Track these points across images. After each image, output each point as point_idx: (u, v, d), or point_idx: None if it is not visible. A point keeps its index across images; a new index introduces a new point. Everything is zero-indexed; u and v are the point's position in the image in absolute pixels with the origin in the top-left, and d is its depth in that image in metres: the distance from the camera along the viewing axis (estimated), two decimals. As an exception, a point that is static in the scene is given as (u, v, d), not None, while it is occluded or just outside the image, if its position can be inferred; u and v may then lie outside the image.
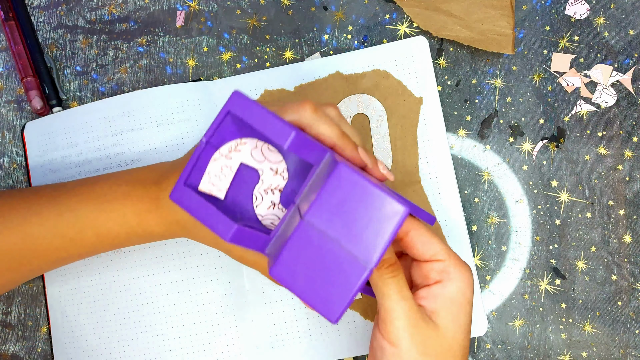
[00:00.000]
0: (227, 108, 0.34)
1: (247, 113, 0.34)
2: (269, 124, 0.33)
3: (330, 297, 0.33)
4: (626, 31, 0.57)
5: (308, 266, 0.33)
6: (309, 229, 0.33)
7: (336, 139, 0.41)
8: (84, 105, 0.59)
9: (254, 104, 0.34)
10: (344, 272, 0.33)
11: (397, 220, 0.33)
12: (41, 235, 0.50)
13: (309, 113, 0.41)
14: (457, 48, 0.58)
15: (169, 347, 0.57)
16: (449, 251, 0.43)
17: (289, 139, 0.33)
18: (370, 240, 0.33)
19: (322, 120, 0.41)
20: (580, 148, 0.56)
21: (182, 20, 0.60)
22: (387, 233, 0.33)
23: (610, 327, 0.55)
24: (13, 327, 0.59)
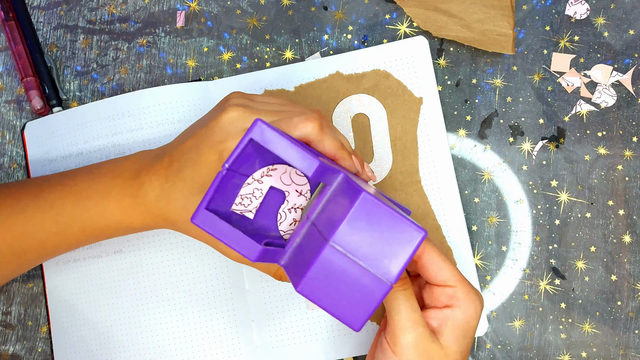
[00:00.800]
0: (249, 136, 0.36)
1: (270, 142, 0.36)
2: (294, 155, 0.36)
3: (353, 309, 0.37)
4: (626, 31, 0.57)
5: (332, 283, 0.36)
6: (333, 251, 0.36)
7: (338, 153, 0.44)
8: (84, 105, 0.59)
9: (277, 134, 0.36)
10: (366, 287, 0.37)
11: (416, 244, 0.36)
12: (27, 231, 0.50)
13: (316, 130, 0.43)
14: (457, 48, 0.58)
15: (168, 347, 0.57)
16: (460, 278, 0.45)
17: (313, 170, 0.36)
18: (391, 261, 0.36)
19: (326, 136, 0.44)
20: (580, 148, 0.56)
21: (182, 20, 0.60)
22: (406, 255, 0.36)
23: (610, 327, 0.55)
24: (13, 327, 0.59)
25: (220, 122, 0.45)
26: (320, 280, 0.36)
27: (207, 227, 0.36)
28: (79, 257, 0.58)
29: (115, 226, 0.50)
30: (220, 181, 0.37)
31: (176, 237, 0.57)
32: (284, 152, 0.36)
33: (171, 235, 0.57)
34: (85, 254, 0.58)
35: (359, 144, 0.57)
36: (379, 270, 0.36)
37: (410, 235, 0.36)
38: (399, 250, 0.36)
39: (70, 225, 0.50)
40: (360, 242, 0.36)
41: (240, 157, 0.37)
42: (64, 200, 0.50)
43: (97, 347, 0.58)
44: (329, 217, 0.38)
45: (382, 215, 0.36)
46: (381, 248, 0.36)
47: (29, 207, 0.51)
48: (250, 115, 0.45)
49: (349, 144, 0.49)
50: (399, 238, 0.36)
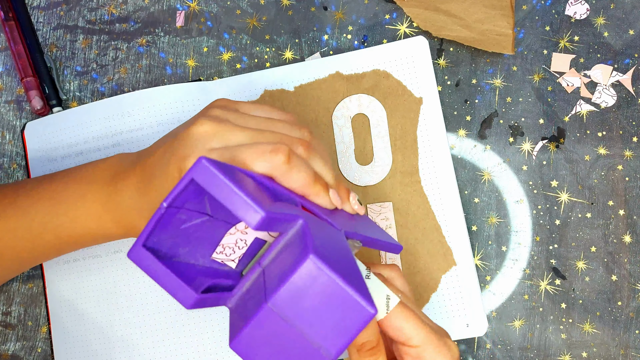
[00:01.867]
0: (190, 175, 0.33)
1: (212, 185, 0.33)
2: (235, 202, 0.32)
3: None
4: (626, 31, 0.57)
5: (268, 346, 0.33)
6: (272, 313, 0.32)
7: (307, 190, 0.41)
8: (84, 105, 0.59)
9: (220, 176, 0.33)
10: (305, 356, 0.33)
11: (362, 322, 0.32)
12: (4, 238, 0.49)
13: (282, 164, 0.40)
14: (457, 48, 0.58)
15: (168, 347, 0.57)
16: (426, 336, 0.41)
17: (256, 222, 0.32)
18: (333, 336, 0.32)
19: (294, 169, 0.40)
20: (580, 148, 0.56)
21: (182, 20, 0.60)
22: (350, 333, 0.32)
23: (610, 327, 0.55)
24: (13, 327, 0.59)
25: (188, 136, 0.42)
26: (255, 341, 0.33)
27: (142, 265, 0.33)
28: (79, 256, 0.58)
29: (90, 234, 0.48)
30: (158, 219, 0.34)
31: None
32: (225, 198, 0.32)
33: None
34: (85, 253, 0.58)
35: (359, 144, 0.57)
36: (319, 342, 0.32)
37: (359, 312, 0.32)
38: (344, 326, 0.32)
39: (43, 232, 0.49)
40: (301, 308, 0.32)
41: (182, 195, 0.34)
42: (37, 207, 0.48)
43: (97, 346, 0.58)
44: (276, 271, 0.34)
45: (329, 283, 0.32)
46: (325, 318, 0.32)
47: (2, 215, 0.49)
48: (221, 132, 0.42)
49: (331, 174, 0.44)
50: (346, 312, 0.32)
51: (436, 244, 0.55)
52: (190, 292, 0.33)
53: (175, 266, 0.35)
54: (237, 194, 0.32)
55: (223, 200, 0.32)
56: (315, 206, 0.41)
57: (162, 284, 0.33)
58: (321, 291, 0.32)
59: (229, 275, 0.38)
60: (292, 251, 0.34)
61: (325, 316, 0.32)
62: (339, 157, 0.57)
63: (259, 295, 0.34)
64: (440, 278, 0.55)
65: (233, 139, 0.41)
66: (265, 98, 0.58)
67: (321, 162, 0.44)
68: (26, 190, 0.50)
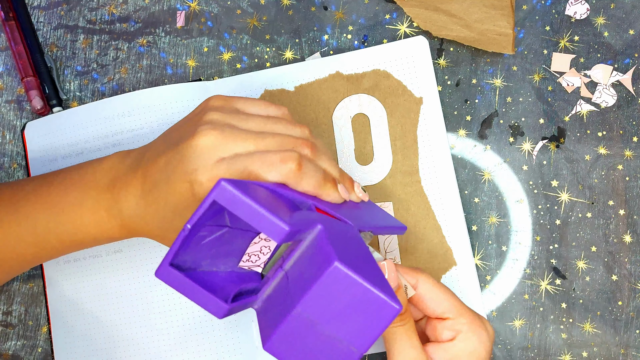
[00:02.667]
0: (212, 197, 0.35)
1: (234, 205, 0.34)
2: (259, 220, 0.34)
3: None
4: (626, 31, 0.57)
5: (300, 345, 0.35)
6: (301, 316, 0.34)
7: (318, 191, 0.42)
8: (84, 105, 0.59)
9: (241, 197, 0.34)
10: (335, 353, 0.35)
11: (389, 319, 0.34)
12: (5, 243, 0.49)
13: (293, 172, 0.41)
14: (457, 48, 0.58)
15: (169, 347, 0.57)
16: (461, 308, 0.42)
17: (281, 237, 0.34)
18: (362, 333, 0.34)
19: (305, 175, 0.41)
20: (581, 148, 0.56)
21: (182, 20, 0.60)
22: (378, 329, 0.34)
23: (611, 327, 0.55)
24: (14, 326, 0.59)
25: (192, 148, 0.42)
26: (287, 342, 0.34)
27: (171, 283, 0.35)
28: (79, 256, 0.58)
29: (93, 238, 0.48)
30: (182, 240, 0.35)
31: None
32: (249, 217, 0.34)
33: (171, 235, 0.57)
34: (86, 253, 0.58)
35: (359, 144, 0.57)
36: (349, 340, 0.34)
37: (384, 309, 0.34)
38: (371, 323, 0.34)
39: (47, 236, 0.49)
40: (328, 311, 0.34)
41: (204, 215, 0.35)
42: (38, 213, 0.48)
43: (97, 346, 0.58)
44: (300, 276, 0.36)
45: (354, 286, 0.34)
46: (352, 319, 0.34)
47: (4, 219, 0.49)
48: (225, 142, 0.42)
49: (335, 168, 0.46)
50: (372, 310, 0.34)
51: (436, 244, 0.55)
52: (221, 304, 0.34)
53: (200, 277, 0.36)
54: (261, 213, 0.34)
55: (247, 219, 0.34)
56: (326, 203, 0.43)
57: (194, 299, 0.35)
58: (347, 293, 0.33)
59: (251, 278, 0.39)
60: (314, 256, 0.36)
61: (352, 316, 0.34)
62: (339, 157, 0.57)
63: (286, 299, 0.35)
64: (440, 278, 0.55)
65: (239, 148, 0.42)
66: (265, 98, 0.58)
67: (326, 158, 0.45)
68: (26, 193, 0.50)
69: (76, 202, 0.48)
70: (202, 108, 0.45)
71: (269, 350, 0.35)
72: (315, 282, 0.34)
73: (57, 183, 0.50)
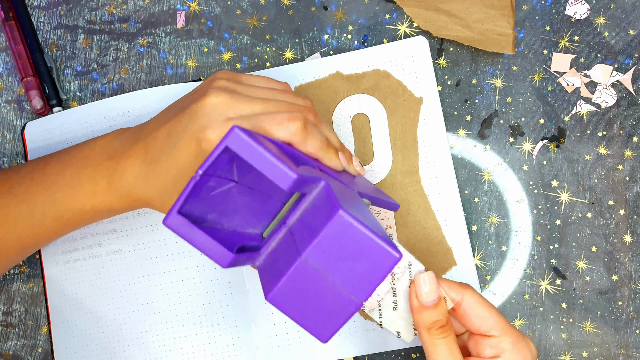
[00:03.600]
0: (224, 143, 0.36)
1: (246, 152, 0.35)
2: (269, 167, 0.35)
3: (321, 324, 0.36)
4: (626, 31, 0.57)
5: (302, 296, 0.36)
6: (305, 266, 0.36)
7: (321, 153, 0.43)
8: (84, 105, 0.59)
9: (253, 144, 0.35)
10: (336, 304, 0.36)
11: (389, 266, 0.36)
12: (5, 225, 0.50)
13: (300, 131, 0.42)
14: (457, 48, 0.58)
15: (169, 347, 0.57)
16: (505, 326, 0.42)
17: (289, 183, 0.35)
18: (363, 281, 0.36)
19: (310, 136, 0.43)
20: (581, 148, 0.56)
21: (182, 20, 0.60)
22: (379, 277, 0.36)
23: (611, 327, 0.55)
24: (14, 326, 0.59)
25: (202, 108, 0.43)
26: (290, 292, 0.36)
27: (178, 231, 0.36)
28: (79, 257, 0.58)
29: (90, 211, 0.49)
30: (194, 186, 0.37)
31: (176, 237, 0.57)
32: (259, 164, 0.35)
33: (171, 236, 0.57)
34: (86, 254, 0.58)
35: (359, 144, 0.57)
36: (350, 289, 0.36)
37: (385, 257, 0.35)
38: (372, 272, 0.36)
39: (44, 216, 0.49)
40: (333, 259, 0.35)
41: (215, 163, 0.37)
42: (34, 194, 0.49)
43: (97, 346, 0.58)
44: (305, 228, 0.37)
45: (357, 234, 0.35)
46: (354, 267, 0.36)
47: (1, 203, 0.50)
48: (233, 103, 0.43)
49: (336, 138, 0.47)
50: (373, 259, 0.35)
51: (436, 244, 0.55)
52: (226, 252, 0.36)
53: (206, 231, 0.37)
54: (271, 160, 0.35)
55: (257, 165, 0.35)
56: (328, 169, 0.44)
57: (199, 247, 0.36)
58: (350, 242, 0.35)
59: (252, 238, 0.40)
60: (319, 209, 0.37)
61: (354, 264, 0.35)
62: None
63: (290, 251, 0.37)
64: (440, 278, 0.55)
65: (247, 109, 0.43)
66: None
67: (328, 128, 0.47)
68: (20, 177, 0.51)
69: (73, 178, 0.48)
70: (209, 80, 0.47)
71: (272, 300, 0.36)
72: (322, 231, 0.35)
73: (54, 163, 0.50)
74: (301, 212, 0.38)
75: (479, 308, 0.42)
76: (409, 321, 0.44)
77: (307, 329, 0.37)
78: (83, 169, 0.48)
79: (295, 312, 0.36)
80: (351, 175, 0.48)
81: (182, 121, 0.44)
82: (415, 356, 0.56)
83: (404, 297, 0.43)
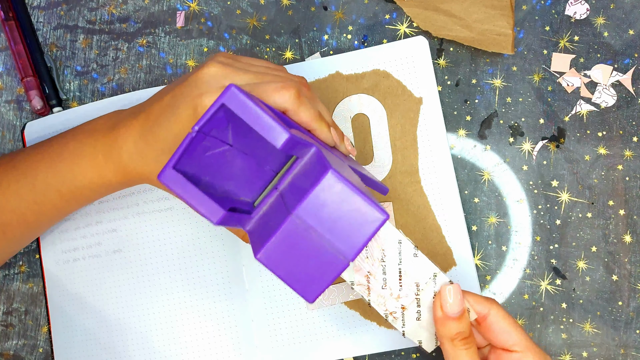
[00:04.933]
0: (221, 101, 0.36)
1: (242, 110, 0.36)
2: (263, 125, 0.36)
3: (308, 283, 0.37)
4: (626, 31, 0.57)
5: (291, 254, 0.37)
6: (295, 224, 0.37)
7: (313, 124, 0.44)
8: (84, 105, 0.59)
9: (249, 102, 0.36)
10: (323, 263, 0.37)
11: (376, 226, 0.37)
12: (6, 204, 0.51)
13: (294, 99, 0.43)
14: (456, 48, 0.58)
15: (169, 346, 0.57)
16: (528, 343, 0.43)
17: (283, 141, 0.36)
18: (351, 240, 0.37)
19: (303, 105, 0.44)
20: (580, 148, 0.56)
21: (182, 20, 0.60)
22: (365, 236, 0.37)
23: (611, 327, 0.55)
24: (14, 326, 0.59)
25: (199, 77, 0.45)
26: (279, 250, 0.37)
27: (172, 186, 0.37)
28: (79, 256, 0.58)
29: (91, 185, 0.50)
30: (189, 142, 0.37)
31: (176, 238, 0.57)
32: (254, 122, 0.36)
33: (171, 236, 0.57)
34: (86, 253, 0.58)
35: (358, 144, 0.57)
36: (338, 247, 0.37)
37: (372, 217, 0.37)
38: (360, 231, 0.37)
39: (46, 191, 0.50)
40: (322, 218, 0.37)
41: (211, 121, 0.37)
42: (37, 167, 0.50)
43: (97, 346, 0.58)
44: (296, 190, 0.38)
45: (347, 194, 0.37)
46: (342, 226, 0.37)
47: (4, 179, 0.51)
48: (230, 73, 0.44)
49: (329, 115, 0.48)
50: (361, 219, 0.37)
51: (436, 244, 0.55)
52: (218, 208, 0.36)
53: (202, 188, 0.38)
54: (265, 118, 0.36)
55: (252, 123, 0.36)
56: (320, 142, 0.45)
57: (192, 202, 0.37)
58: (340, 201, 0.36)
59: (243, 204, 0.41)
60: (310, 172, 0.38)
61: (342, 223, 0.37)
62: (339, 157, 0.57)
63: (281, 212, 0.38)
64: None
65: (243, 79, 0.44)
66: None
67: (322, 105, 0.48)
68: (25, 154, 0.52)
69: (75, 151, 0.49)
70: (208, 58, 0.48)
71: (261, 259, 0.37)
72: (312, 190, 0.36)
73: (58, 138, 0.51)
74: (292, 176, 0.39)
75: (503, 323, 0.43)
76: (431, 332, 0.44)
77: (294, 289, 0.37)
78: (85, 141, 0.50)
79: (284, 271, 0.37)
80: (343, 155, 0.49)
81: (182, 90, 0.45)
82: (416, 356, 0.56)
83: (427, 308, 0.44)
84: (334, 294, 0.55)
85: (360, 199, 0.37)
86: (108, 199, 0.58)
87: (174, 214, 0.57)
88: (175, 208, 0.57)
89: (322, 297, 0.55)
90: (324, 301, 0.55)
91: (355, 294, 0.55)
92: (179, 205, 0.57)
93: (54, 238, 0.59)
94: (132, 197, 0.58)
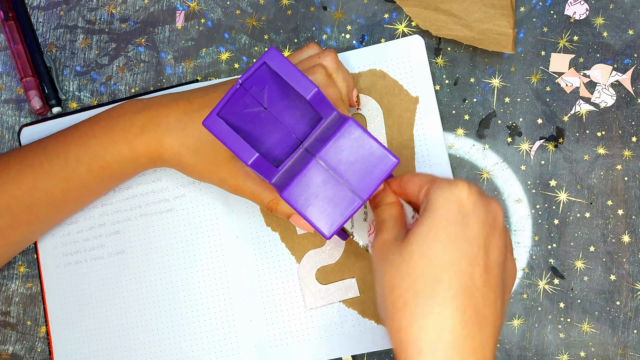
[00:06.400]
0: (263, 59, 0.42)
1: (280, 67, 0.42)
2: (297, 79, 0.41)
3: (327, 219, 0.42)
4: (626, 31, 0.57)
5: (312, 193, 0.42)
6: (317, 166, 0.42)
7: (337, 102, 0.49)
8: (82, 111, 0.59)
9: (287, 61, 0.41)
10: (341, 201, 0.42)
11: (389, 168, 0.42)
12: (36, 184, 0.52)
13: (323, 77, 0.48)
14: (455, 47, 0.58)
15: (167, 347, 0.57)
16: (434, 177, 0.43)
17: (311, 93, 0.41)
18: (366, 180, 0.42)
19: (331, 85, 0.49)
20: (579, 148, 0.56)
21: (181, 20, 0.60)
22: (379, 176, 0.42)
23: (609, 327, 0.55)
24: (12, 326, 0.59)
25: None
26: (302, 189, 0.42)
27: (214, 130, 0.42)
28: (81, 259, 0.59)
29: (121, 160, 0.51)
30: (232, 93, 0.42)
31: (176, 238, 0.57)
32: (289, 77, 0.41)
33: (171, 237, 0.57)
34: (88, 255, 0.58)
35: (357, 143, 0.57)
36: (354, 187, 0.42)
37: (385, 160, 0.42)
38: (374, 172, 0.42)
39: (77, 166, 0.52)
40: (342, 161, 0.42)
41: (252, 77, 0.42)
42: (69, 145, 0.52)
43: (96, 347, 0.58)
44: (319, 142, 0.44)
45: (364, 140, 0.42)
46: (359, 168, 0.42)
47: (36, 159, 0.52)
48: None
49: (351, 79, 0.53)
50: (376, 162, 0.42)
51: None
52: (252, 151, 0.42)
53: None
54: (298, 73, 0.42)
55: (286, 77, 0.41)
56: None
57: (230, 144, 0.42)
58: (357, 146, 0.42)
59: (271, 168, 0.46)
60: (331, 126, 0.44)
61: (359, 165, 0.42)
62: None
63: (305, 159, 0.43)
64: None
65: None
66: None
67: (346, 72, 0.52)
68: (56, 136, 0.54)
69: (107, 126, 0.52)
70: None
71: (286, 197, 0.42)
72: (334, 136, 0.42)
73: (84, 123, 0.53)
74: (316, 135, 0.45)
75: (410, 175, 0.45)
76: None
77: (313, 224, 0.42)
78: (118, 117, 0.52)
79: (305, 208, 0.42)
80: None
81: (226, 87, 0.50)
82: (414, 356, 0.56)
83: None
84: (332, 292, 0.56)
85: (376, 144, 0.42)
86: (111, 201, 0.58)
87: (175, 215, 0.58)
88: (176, 209, 0.58)
89: (319, 296, 0.55)
90: (322, 300, 0.56)
91: (354, 292, 0.55)
92: (180, 207, 0.58)
93: (56, 242, 0.59)
94: (135, 200, 0.58)
